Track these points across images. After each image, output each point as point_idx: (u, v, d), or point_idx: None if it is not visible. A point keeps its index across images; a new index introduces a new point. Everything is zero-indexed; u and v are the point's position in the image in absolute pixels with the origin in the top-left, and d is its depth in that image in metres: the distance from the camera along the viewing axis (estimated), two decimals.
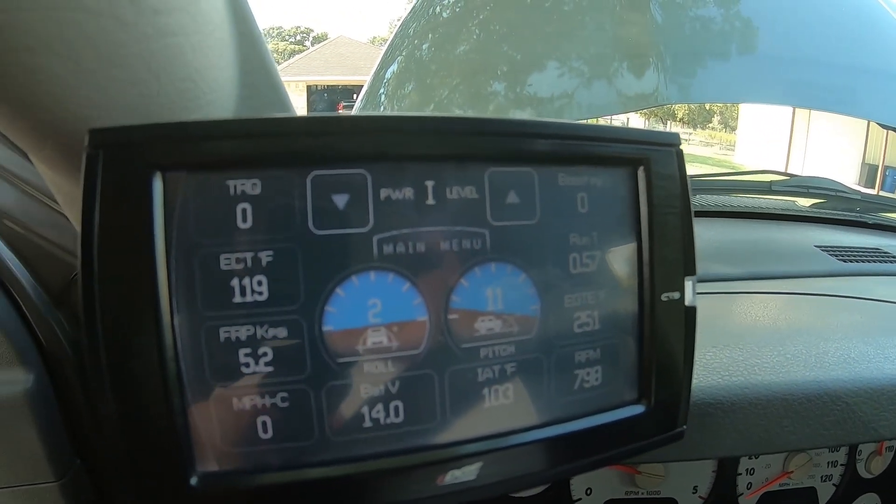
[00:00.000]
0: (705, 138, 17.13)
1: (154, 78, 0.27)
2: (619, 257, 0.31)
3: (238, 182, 0.25)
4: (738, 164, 10.60)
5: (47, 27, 0.23)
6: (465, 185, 0.27)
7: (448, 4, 0.98)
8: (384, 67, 0.92)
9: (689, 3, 0.97)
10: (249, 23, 0.35)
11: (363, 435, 0.26)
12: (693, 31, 0.93)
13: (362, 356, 0.26)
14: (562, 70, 0.84)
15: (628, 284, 0.31)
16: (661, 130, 0.34)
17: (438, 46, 0.94)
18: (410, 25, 0.97)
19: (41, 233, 0.60)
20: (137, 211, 0.24)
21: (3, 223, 0.59)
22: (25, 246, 0.59)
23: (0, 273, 0.56)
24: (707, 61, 0.90)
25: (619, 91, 0.84)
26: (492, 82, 0.87)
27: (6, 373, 0.55)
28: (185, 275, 0.24)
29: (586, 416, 0.30)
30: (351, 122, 0.26)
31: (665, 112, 13.47)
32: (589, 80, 0.85)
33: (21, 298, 0.57)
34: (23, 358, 0.55)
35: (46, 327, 0.58)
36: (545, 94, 0.84)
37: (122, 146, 0.24)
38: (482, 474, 0.28)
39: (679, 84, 0.85)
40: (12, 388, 0.54)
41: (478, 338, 0.27)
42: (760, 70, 0.90)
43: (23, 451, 0.55)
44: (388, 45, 0.98)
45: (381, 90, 0.90)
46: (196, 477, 0.25)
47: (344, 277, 0.26)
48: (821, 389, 0.44)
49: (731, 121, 15.65)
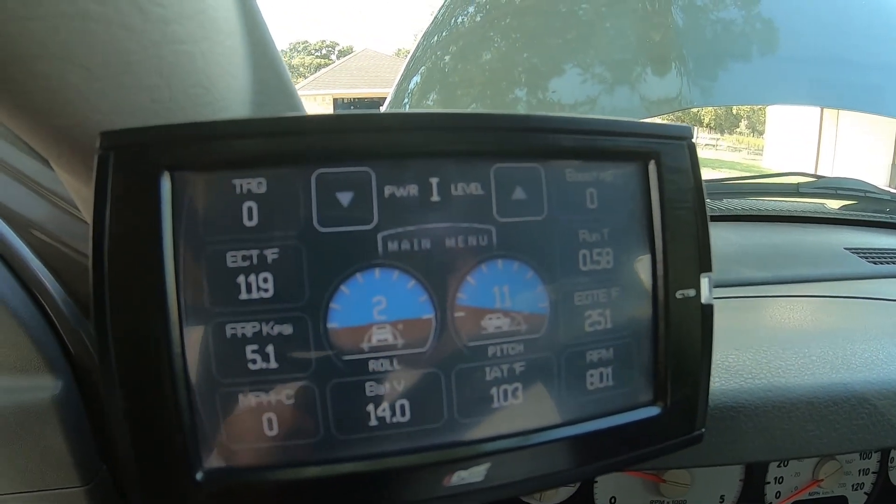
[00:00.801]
0: (733, 143, 16.92)
1: (165, 84, 0.28)
2: (631, 254, 0.30)
3: (244, 181, 0.25)
4: (767, 168, 10.44)
5: (58, 36, 0.23)
6: (470, 182, 0.27)
7: (469, 14, 0.99)
8: (407, 78, 0.93)
9: (709, 5, 0.96)
10: (261, 30, 0.35)
11: (369, 433, 0.26)
12: (714, 33, 0.92)
13: (367, 354, 0.26)
14: (584, 76, 0.84)
15: (641, 282, 0.30)
16: (672, 123, 0.33)
17: (460, 56, 0.94)
18: (433, 36, 0.98)
19: (70, 243, 0.62)
20: (146, 209, 0.24)
21: (32, 234, 0.60)
22: (54, 256, 0.61)
23: (29, 282, 0.57)
24: (729, 63, 0.89)
25: (642, 96, 0.84)
26: (514, 89, 0.88)
27: (35, 379, 0.56)
28: (193, 272, 0.25)
29: (599, 418, 0.29)
30: (354, 120, 0.26)
31: (691, 117, 13.34)
32: (611, 85, 0.84)
33: (50, 307, 0.58)
34: (51, 365, 0.56)
35: (74, 336, 0.59)
36: (568, 100, 0.84)
37: (132, 147, 0.24)
38: (490, 475, 0.27)
39: (702, 87, 0.84)
40: (40, 395, 0.55)
41: (485, 336, 0.27)
42: (784, 70, 0.89)
43: (50, 457, 0.56)
44: (410, 56, 0.99)
45: (404, 101, 0.91)
46: (202, 472, 0.25)
47: (349, 275, 0.26)
48: (847, 392, 0.42)
49: (759, 125, 15.45)
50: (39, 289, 0.58)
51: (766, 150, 11.89)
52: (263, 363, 0.25)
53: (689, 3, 0.94)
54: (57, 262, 0.60)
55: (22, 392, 0.55)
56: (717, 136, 17.47)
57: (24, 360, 0.55)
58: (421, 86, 0.92)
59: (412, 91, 0.91)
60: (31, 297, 0.57)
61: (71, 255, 0.62)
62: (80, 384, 0.59)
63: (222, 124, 0.26)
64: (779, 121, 10.20)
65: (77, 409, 0.59)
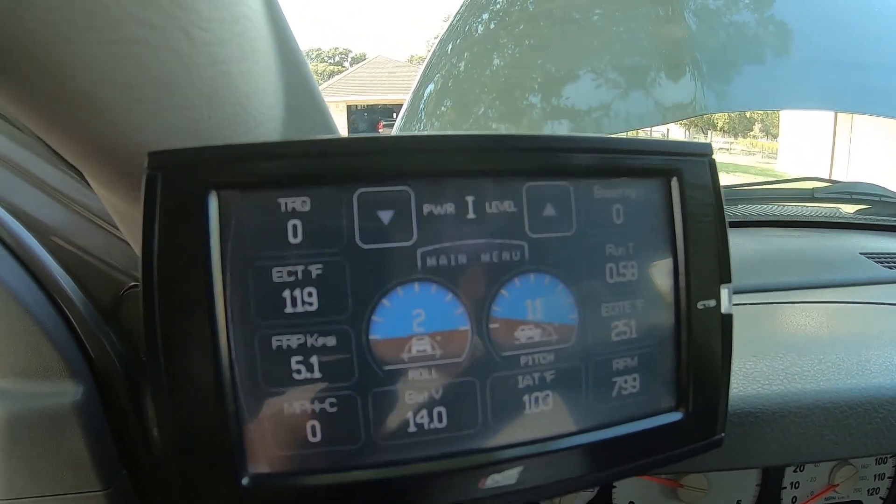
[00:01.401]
0: (746, 147, 16.94)
1: (206, 103, 0.29)
2: (654, 267, 0.32)
3: (289, 199, 0.27)
4: (781, 172, 10.44)
5: (108, 59, 0.25)
6: (503, 200, 0.29)
7: (484, 21, 1.01)
8: (423, 86, 0.95)
9: (722, 9, 0.98)
10: (293, 48, 0.37)
11: (408, 439, 0.28)
12: (728, 37, 0.93)
13: (407, 364, 0.28)
14: (598, 81, 0.86)
15: (664, 293, 0.32)
16: (693, 141, 0.35)
17: (475, 63, 0.96)
18: (448, 44, 1.00)
19: (91, 250, 0.64)
20: (194, 227, 0.26)
21: (54, 241, 0.62)
22: (76, 263, 0.63)
23: (51, 288, 0.59)
24: (743, 67, 0.90)
25: (656, 101, 0.85)
26: (528, 96, 0.89)
27: (56, 385, 0.58)
28: (240, 287, 0.26)
29: (625, 423, 0.31)
30: (394, 142, 0.28)
31: (705, 122, 13.34)
32: (625, 90, 0.86)
33: (71, 313, 0.60)
34: (72, 371, 0.58)
35: (96, 342, 0.61)
36: (582, 106, 0.85)
37: (180, 167, 0.26)
38: (522, 478, 0.29)
39: (717, 91, 0.86)
40: (61, 400, 0.57)
41: (518, 346, 0.29)
42: (798, 75, 0.90)
43: (70, 461, 0.58)
44: (426, 63, 1.00)
45: (420, 108, 0.92)
46: (247, 478, 0.27)
47: (389, 289, 0.27)
48: (862, 397, 0.44)
49: (773, 128, 15.47)
50: (61, 295, 0.60)
51: (780, 153, 11.90)
52: (308, 373, 0.27)
53: (702, 6, 0.96)
54: (78, 269, 0.62)
55: (44, 398, 0.57)
56: (731, 139, 17.50)
57: (45, 366, 0.57)
58: (436, 93, 0.94)
59: (428, 98, 0.93)
60: (52, 303, 0.59)
61: (92, 263, 0.64)
62: (101, 389, 0.61)
63: (268, 146, 0.28)
64: (793, 124, 10.21)
65: (97, 414, 0.61)
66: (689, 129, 12.65)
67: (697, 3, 0.95)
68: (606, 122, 0.84)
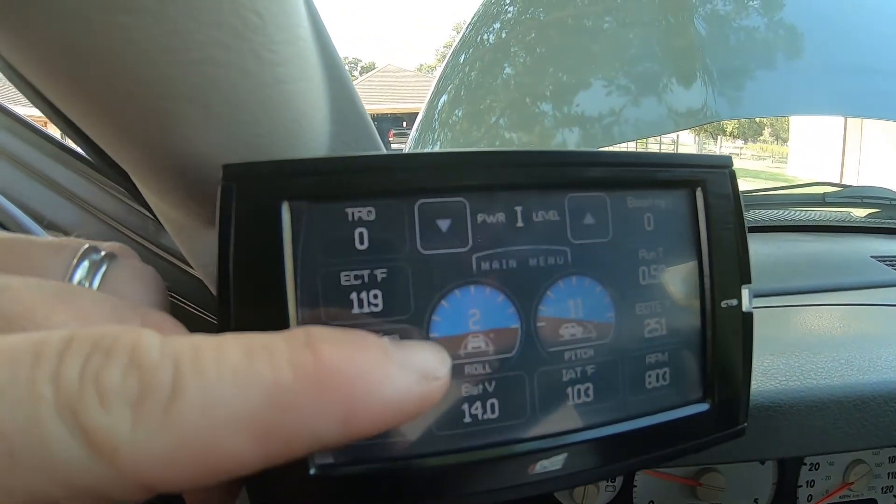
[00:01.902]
0: (757, 151, 17.07)
1: (268, 119, 0.33)
2: (682, 269, 0.36)
3: (355, 209, 0.30)
4: (791, 176, 10.54)
5: (186, 78, 0.28)
6: (548, 210, 0.33)
7: (495, 30, 1.04)
8: (437, 97, 0.98)
9: (732, 14, 1.02)
10: (338, 65, 0.41)
11: (464, 429, 0.32)
12: (738, 42, 0.97)
13: (464, 359, 0.31)
14: (608, 89, 0.89)
15: (691, 293, 0.36)
16: (715, 154, 0.39)
17: (486, 72, 1.00)
18: (460, 55, 1.03)
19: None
20: (268, 235, 0.29)
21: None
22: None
23: None
24: (754, 73, 0.94)
25: (667, 108, 0.89)
26: (539, 104, 0.93)
27: None
28: (310, 290, 0.30)
29: (657, 413, 0.35)
30: (452, 158, 0.32)
31: (715, 126, 13.42)
32: (636, 98, 0.89)
33: None
34: None
35: None
36: (593, 113, 0.89)
37: (253, 179, 0.29)
38: (567, 464, 0.33)
39: (728, 97, 0.89)
40: None
41: (562, 342, 0.33)
42: (810, 80, 0.93)
43: None
44: (440, 74, 1.04)
45: (434, 118, 0.96)
46: (315, 467, 0.30)
47: (448, 291, 0.31)
48: (874, 392, 0.48)
49: (783, 132, 15.59)
50: None
51: (790, 157, 12.01)
52: None
53: (712, 13, 1.00)
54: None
55: None
56: (741, 144, 17.64)
57: None
58: (449, 103, 0.98)
59: (441, 109, 0.97)
60: None
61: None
62: None
63: (336, 160, 0.32)
64: (803, 128, 10.30)
65: None
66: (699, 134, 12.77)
67: (707, 10, 1.00)
68: (617, 129, 0.88)
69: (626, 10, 1.02)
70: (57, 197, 0.67)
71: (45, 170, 0.67)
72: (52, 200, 0.67)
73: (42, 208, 0.65)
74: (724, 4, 1.02)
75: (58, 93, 0.30)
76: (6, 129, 0.68)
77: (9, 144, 0.68)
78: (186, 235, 0.43)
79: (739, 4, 1.02)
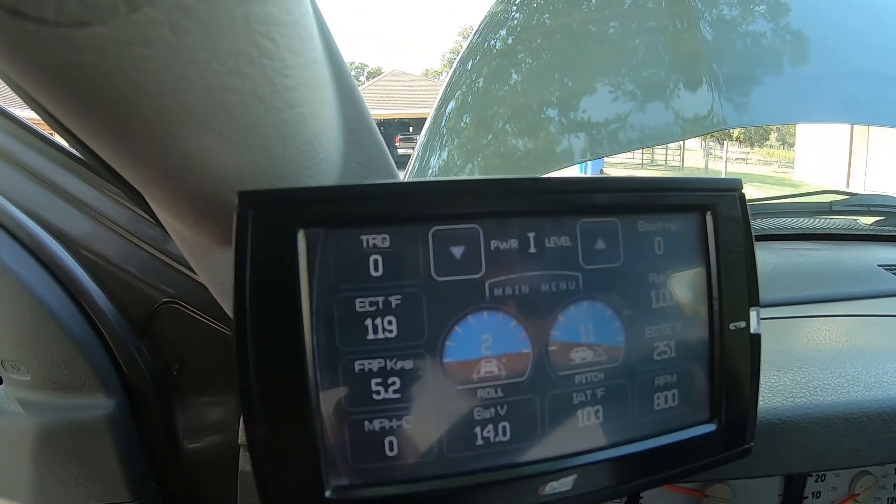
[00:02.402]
0: (763, 157, 17.05)
1: (282, 143, 0.33)
2: (691, 293, 0.37)
3: (370, 237, 0.31)
4: (798, 181, 10.55)
5: (202, 105, 0.28)
6: (560, 235, 0.34)
7: (501, 37, 1.05)
8: (445, 103, 0.99)
9: (738, 19, 1.02)
10: (351, 86, 0.41)
11: (476, 451, 0.32)
12: (745, 47, 0.97)
13: (476, 384, 0.32)
14: (614, 94, 0.90)
15: (700, 316, 0.37)
16: (725, 177, 0.40)
17: (493, 78, 1.00)
18: (468, 61, 1.04)
19: (123, 266, 0.68)
20: (283, 261, 0.30)
21: (82, 253, 0.67)
22: (108, 278, 0.67)
23: (84, 302, 0.63)
24: (761, 78, 0.94)
25: (674, 114, 0.89)
26: (546, 109, 0.93)
27: (89, 398, 0.62)
28: (326, 316, 0.30)
29: (665, 434, 0.36)
30: (465, 185, 0.33)
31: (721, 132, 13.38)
32: (642, 104, 0.90)
33: (104, 328, 0.64)
34: (104, 385, 0.63)
35: (128, 356, 0.66)
36: (599, 119, 0.90)
37: (269, 206, 0.30)
38: (577, 485, 0.34)
39: (735, 104, 0.89)
40: (94, 413, 0.62)
41: (573, 366, 0.34)
42: (817, 87, 0.93)
43: (101, 472, 0.63)
44: (447, 81, 1.05)
45: (442, 124, 0.97)
46: (330, 490, 0.31)
47: (461, 317, 0.32)
48: (880, 408, 0.49)
49: (789, 137, 15.56)
50: (94, 309, 0.64)
51: (796, 163, 12.00)
52: (387, 394, 0.31)
53: (718, 18, 1.00)
54: (110, 284, 0.67)
55: (76, 410, 0.62)
56: (747, 149, 17.63)
57: (78, 379, 0.61)
58: (457, 110, 0.99)
59: (449, 115, 0.98)
60: (85, 317, 0.64)
61: (124, 277, 0.68)
62: (132, 403, 0.66)
63: (351, 188, 0.32)
64: (809, 134, 10.29)
65: (128, 427, 0.65)
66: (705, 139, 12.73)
67: (713, 15, 1.00)
68: (623, 135, 0.88)
69: (631, 16, 1.03)
70: (64, 204, 0.67)
71: (53, 177, 0.68)
72: (60, 208, 0.68)
73: (48, 215, 0.66)
74: (731, 10, 1.02)
75: (70, 117, 0.31)
76: (11, 134, 0.68)
77: (14, 150, 0.68)
78: (200, 254, 0.43)
79: (745, 10, 1.02)
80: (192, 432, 0.70)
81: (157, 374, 0.68)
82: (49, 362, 0.61)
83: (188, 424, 0.70)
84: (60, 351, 0.61)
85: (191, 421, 0.70)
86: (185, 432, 0.71)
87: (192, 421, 0.70)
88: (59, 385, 0.62)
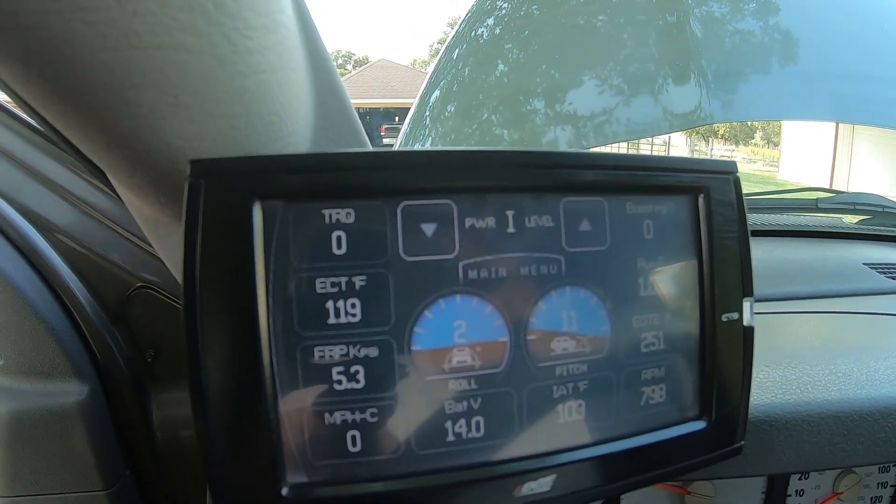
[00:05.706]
0: (748, 155, 17.15)
1: (244, 112, 0.30)
2: (681, 281, 0.33)
3: (333, 211, 0.27)
4: (783, 180, 10.60)
5: (153, 65, 0.25)
6: (542, 214, 0.30)
7: (489, 26, 1.02)
8: (429, 92, 0.96)
9: (728, 17, 0.99)
10: (324, 56, 0.38)
11: (446, 448, 0.29)
12: (733, 45, 0.95)
13: (448, 374, 0.29)
14: (601, 88, 0.87)
15: (690, 306, 0.34)
16: (719, 159, 0.36)
17: (479, 68, 0.97)
18: (454, 50, 1.01)
19: (97, 250, 0.64)
20: (238, 236, 0.26)
21: (58, 238, 0.63)
22: (83, 263, 0.63)
23: (58, 287, 0.60)
24: (749, 77, 0.91)
25: (661, 108, 0.86)
26: (532, 101, 0.90)
27: (61, 384, 0.59)
28: (283, 297, 0.27)
29: (652, 432, 0.33)
30: (438, 156, 0.29)
31: (707, 129, 13.45)
32: (629, 98, 0.87)
33: (78, 313, 0.61)
34: (78, 370, 0.59)
35: (102, 342, 0.62)
36: (585, 112, 0.87)
37: (223, 176, 0.27)
38: (556, 486, 0.31)
39: (722, 100, 0.87)
40: (66, 399, 0.58)
41: (553, 357, 0.30)
42: (805, 85, 0.91)
43: (74, 460, 0.59)
44: (433, 70, 1.02)
45: (425, 113, 0.93)
46: (287, 488, 0.27)
47: (432, 301, 0.28)
48: (872, 407, 0.46)
49: (774, 136, 15.67)
50: (67, 294, 0.61)
51: (781, 161, 12.07)
52: (349, 384, 0.28)
53: (708, 14, 0.97)
54: (85, 269, 0.63)
55: (48, 396, 0.58)
56: (733, 147, 17.74)
57: (50, 364, 0.58)
58: (441, 99, 0.95)
59: (433, 104, 0.94)
60: (58, 302, 0.60)
61: (99, 262, 0.64)
62: (106, 390, 0.62)
63: (313, 157, 0.29)
64: (794, 132, 10.35)
65: (102, 414, 0.61)
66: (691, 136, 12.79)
67: (703, 11, 0.97)
68: (609, 128, 0.85)
69: (621, 9, 1.00)
70: (38, 186, 0.64)
71: (25, 158, 0.64)
72: (33, 189, 0.64)
73: (20, 197, 0.62)
74: (720, 7, 1.00)
75: (14, 77, 0.27)
76: None
77: None
78: (161, 233, 0.39)
79: (735, 7, 1.00)
80: (168, 420, 0.67)
81: (132, 361, 0.64)
82: (21, 347, 0.58)
83: (163, 412, 0.67)
84: (33, 336, 0.58)
85: (166, 408, 0.67)
86: (160, 420, 0.67)
87: (167, 408, 0.67)
88: (31, 370, 0.59)
